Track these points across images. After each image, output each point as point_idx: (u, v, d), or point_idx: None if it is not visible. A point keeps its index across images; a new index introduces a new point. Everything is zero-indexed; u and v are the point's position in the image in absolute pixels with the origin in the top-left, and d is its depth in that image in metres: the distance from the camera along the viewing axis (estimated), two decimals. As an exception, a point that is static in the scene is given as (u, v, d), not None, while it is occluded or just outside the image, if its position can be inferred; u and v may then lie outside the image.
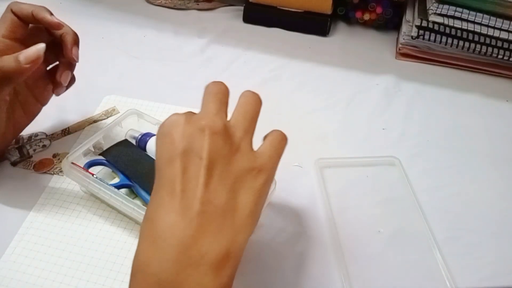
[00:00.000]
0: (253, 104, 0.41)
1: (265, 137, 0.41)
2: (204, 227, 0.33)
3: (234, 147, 0.37)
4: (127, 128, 0.55)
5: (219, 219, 0.34)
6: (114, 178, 0.51)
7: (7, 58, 0.47)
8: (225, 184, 0.35)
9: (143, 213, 0.45)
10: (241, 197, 0.35)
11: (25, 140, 0.57)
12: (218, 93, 0.41)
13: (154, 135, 0.53)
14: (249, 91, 0.42)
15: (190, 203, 0.33)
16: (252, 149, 0.38)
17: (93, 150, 0.53)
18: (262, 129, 0.63)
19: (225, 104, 0.40)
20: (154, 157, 0.51)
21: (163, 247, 0.33)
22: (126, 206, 0.46)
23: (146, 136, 0.53)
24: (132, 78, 0.68)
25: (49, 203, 0.50)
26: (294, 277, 0.45)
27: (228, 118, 0.39)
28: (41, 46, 0.48)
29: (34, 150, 0.56)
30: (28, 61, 0.47)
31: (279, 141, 0.40)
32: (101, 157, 0.52)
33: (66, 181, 0.52)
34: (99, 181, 0.48)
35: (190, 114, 0.38)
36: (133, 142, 0.54)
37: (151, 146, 0.52)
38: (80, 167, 0.49)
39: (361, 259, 0.47)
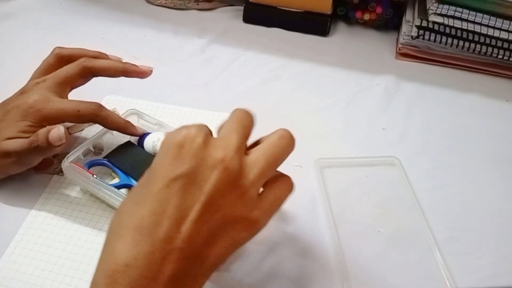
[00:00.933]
0: (283, 149, 0.38)
1: (274, 178, 0.38)
2: (174, 265, 0.32)
3: (240, 191, 0.34)
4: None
5: (189, 262, 0.32)
6: (114, 178, 0.51)
7: (41, 134, 0.46)
8: (211, 228, 0.33)
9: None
10: (218, 245, 0.34)
11: (25, 140, 0.57)
12: (246, 126, 0.38)
13: (149, 133, 0.53)
14: (287, 131, 0.38)
15: (173, 236, 0.32)
16: (257, 197, 0.36)
17: (93, 150, 0.53)
18: (261, 129, 0.63)
19: (248, 138, 0.38)
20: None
21: (127, 276, 0.31)
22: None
23: (144, 136, 0.53)
24: (132, 78, 0.68)
25: (49, 203, 0.50)
26: (293, 277, 0.45)
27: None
28: (61, 131, 0.46)
29: (34, 150, 0.56)
30: (56, 143, 0.46)
31: (283, 192, 0.38)
32: (101, 157, 0.52)
33: (66, 181, 0.52)
34: (99, 181, 0.48)
35: (210, 134, 0.36)
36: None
37: (147, 145, 0.52)
38: (81, 167, 0.49)
39: (361, 259, 0.47)
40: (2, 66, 0.68)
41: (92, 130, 0.59)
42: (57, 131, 0.46)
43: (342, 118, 0.64)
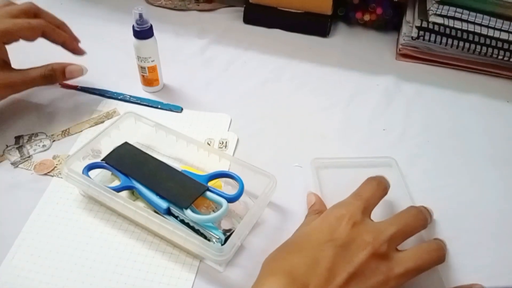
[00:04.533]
0: (433, 261, 0.41)
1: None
2: None
3: (382, 278, 0.38)
4: (125, 130, 0.55)
5: None
6: (114, 180, 0.51)
7: (58, 67, 0.60)
8: None
9: (145, 214, 0.45)
10: None
11: (25, 140, 0.57)
12: (410, 227, 0.42)
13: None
14: (442, 246, 0.43)
15: None
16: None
17: (91, 153, 0.53)
18: (261, 129, 0.63)
19: (405, 239, 0.42)
20: None
21: None
22: (127, 208, 0.46)
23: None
24: (132, 79, 0.68)
25: (49, 206, 0.50)
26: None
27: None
28: (84, 67, 0.62)
29: (34, 150, 0.56)
30: (71, 75, 0.61)
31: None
32: (99, 160, 0.52)
33: (66, 184, 0.52)
34: (99, 184, 0.47)
35: (366, 219, 0.41)
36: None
37: None
38: (79, 173, 0.49)
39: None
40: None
41: (89, 133, 0.59)
42: (75, 66, 0.61)
43: (342, 119, 0.64)
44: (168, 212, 0.47)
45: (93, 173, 0.51)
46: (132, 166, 0.51)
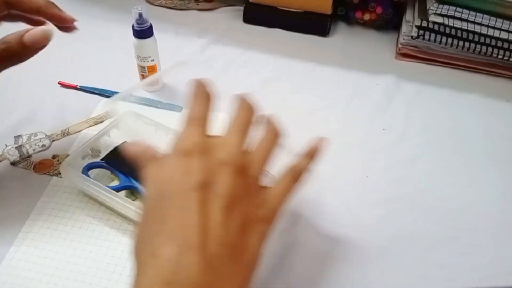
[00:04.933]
0: (275, 143, 0.41)
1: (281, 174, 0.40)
2: (220, 271, 0.32)
3: (249, 189, 0.36)
4: (124, 130, 0.55)
5: (232, 262, 0.33)
6: (113, 180, 0.51)
7: (13, 38, 0.44)
8: (238, 226, 0.34)
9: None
10: (251, 238, 0.35)
11: (24, 140, 0.57)
12: (245, 122, 0.40)
13: None
14: (274, 123, 0.42)
15: (209, 244, 0.32)
16: (262, 191, 0.38)
17: (90, 153, 0.53)
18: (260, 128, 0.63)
19: (248, 134, 0.40)
20: None
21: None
22: (127, 208, 0.46)
23: None
24: (132, 78, 0.68)
25: (48, 206, 0.50)
26: (293, 276, 0.45)
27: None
28: (48, 29, 0.45)
29: (34, 150, 0.56)
30: (33, 42, 0.44)
31: (291, 188, 0.40)
32: (99, 160, 0.52)
33: (65, 183, 0.52)
34: (98, 184, 0.47)
35: (211, 140, 0.37)
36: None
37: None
38: (78, 173, 0.49)
39: (360, 259, 0.47)
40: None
41: (89, 133, 0.59)
42: (36, 30, 0.44)
43: (342, 118, 0.64)
44: (168, 212, 0.47)
45: (93, 172, 0.51)
46: (132, 166, 0.51)
